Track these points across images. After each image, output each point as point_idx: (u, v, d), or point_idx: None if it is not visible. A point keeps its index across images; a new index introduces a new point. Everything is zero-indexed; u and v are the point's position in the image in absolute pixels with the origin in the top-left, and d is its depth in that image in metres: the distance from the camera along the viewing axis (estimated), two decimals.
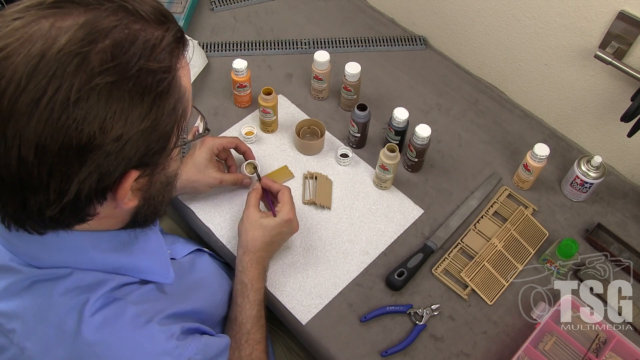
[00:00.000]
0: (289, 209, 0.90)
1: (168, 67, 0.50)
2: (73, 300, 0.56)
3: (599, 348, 0.87)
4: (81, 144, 0.45)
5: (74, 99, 0.44)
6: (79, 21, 0.45)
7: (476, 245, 1.00)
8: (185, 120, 0.55)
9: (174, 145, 0.54)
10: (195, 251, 0.89)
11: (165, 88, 0.50)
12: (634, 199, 1.08)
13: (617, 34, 0.94)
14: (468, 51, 1.25)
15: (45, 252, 0.57)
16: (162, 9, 0.52)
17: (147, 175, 0.54)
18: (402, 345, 0.88)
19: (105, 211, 0.54)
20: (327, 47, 1.29)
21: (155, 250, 0.67)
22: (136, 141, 0.48)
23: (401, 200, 1.05)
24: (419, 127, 1.00)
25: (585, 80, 1.06)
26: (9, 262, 0.57)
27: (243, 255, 0.88)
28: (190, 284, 0.77)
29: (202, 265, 0.87)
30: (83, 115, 0.44)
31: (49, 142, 0.44)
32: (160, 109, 0.49)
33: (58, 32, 0.44)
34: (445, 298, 0.94)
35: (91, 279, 0.58)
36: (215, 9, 1.37)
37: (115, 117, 0.46)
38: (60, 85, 0.43)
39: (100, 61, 0.45)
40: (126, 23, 0.47)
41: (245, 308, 0.83)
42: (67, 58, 0.44)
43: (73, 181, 0.46)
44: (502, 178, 1.10)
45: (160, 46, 0.49)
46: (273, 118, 1.10)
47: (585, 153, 1.14)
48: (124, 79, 0.46)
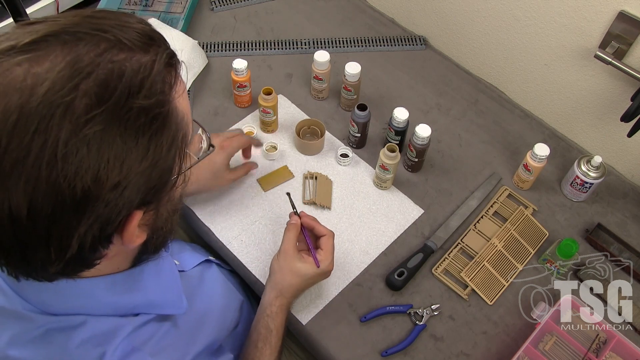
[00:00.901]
0: (331, 260, 0.85)
1: (162, 101, 0.46)
2: (90, 354, 0.53)
3: (599, 348, 0.87)
4: (76, 199, 0.41)
5: (61, 155, 0.40)
6: (56, 64, 0.41)
7: (476, 245, 1.00)
8: (187, 146, 0.51)
9: (178, 175, 0.50)
10: (203, 262, 0.87)
11: (160, 124, 0.45)
12: (634, 199, 1.08)
13: (617, 34, 0.94)
14: (468, 51, 1.25)
15: (57, 299, 0.54)
16: (149, 30, 0.47)
17: (153, 210, 0.51)
18: (402, 345, 0.88)
19: (113, 251, 0.51)
20: (327, 47, 1.29)
21: (168, 280, 0.64)
22: (136, 184, 0.45)
23: (401, 200, 1.05)
24: (419, 127, 1.00)
25: (585, 80, 1.06)
26: (21, 309, 0.54)
27: (275, 300, 0.83)
28: (201, 310, 0.74)
29: (211, 280, 0.85)
30: (74, 170, 0.41)
31: (41, 201, 0.41)
32: (159, 147, 0.46)
33: (35, 80, 0.40)
34: (445, 298, 0.94)
35: (106, 327, 0.55)
36: (215, 9, 1.37)
37: (109, 165, 0.42)
38: (45, 141, 0.40)
39: (85, 107, 0.41)
40: (109, 57, 0.43)
41: (264, 354, 0.79)
42: (48, 110, 0.40)
43: (73, 237, 0.43)
44: (502, 178, 1.10)
45: (151, 77, 0.45)
46: (273, 118, 1.10)
47: (585, 153, 1.14)
48: (114, 123, 0.42)
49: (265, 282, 0.92)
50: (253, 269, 0.95)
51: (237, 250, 0.97)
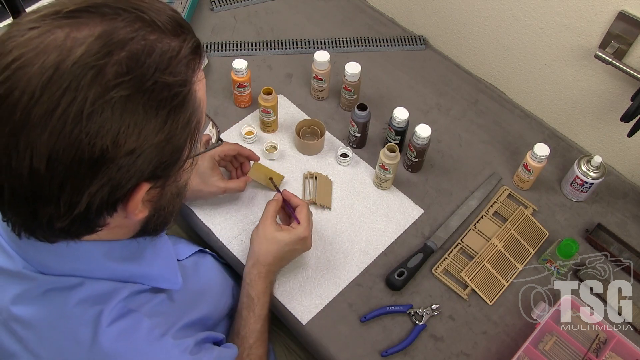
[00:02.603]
0: (305, 226, 0.88)
1: (184, 81, 0.49)
2: (88, 312, 0.56)
3: (599, 348, 0.87)
4: (93, 157, 0.44)
5: (87, 113, 0.43)
6: (94, 32, 0.45)
7: (476, 245, 0.99)
8: (199, 132, 0.54)
9: (187, 157, 0.53)
10: (198, 252, 0.88)
11: (180, 101, 0.49)
12: (634, 199, 1.08)
13: (617, 34, 0.94)
14: (468, 51, 1.25)
15: (57, 260, 0.57)
16: (180, 19, 0.51)
17: (159, 187, 0.53)
18: (402, 345, 0.88)
19: (115, 222, 0.53)
20: (327, 47, 1.29)
21: (165, 256, 0.67)
22: (149, 154, 0.48)
23: (401, 200, 1.05)
24: (419, 127, 1.00)
25: (585, 80, 1.06)
26: (22, 269, 0.57)
27: (252, 268, 0.87)
28: (196, 289, 0.77)
29: (205, 268, 0.87)
30: (96, 129, 0.44)
31: (61, 154, 0.44)
32: (175, 123, 0.49)
33: (73, 43, 0.44)
34: (445, 298, 0.94)
35: (103, 289, 0.58)
36: (215, 9, 1.37)
37: (128, 130, 0.45)
38: (75, 98, 0.43)
39: (115, 74, 0.44)
40: (143, 34, 0.47)
41: (249, 322, 0.83)
42: (81, 70, 0.43)
43: (84, 194, 0.46)
44: (502, 178, 1.10)
45: (177, 58, 0.48)
46: (273, 118, 1.10)
47: (585, 153, 1.14)
48: (139, 93, 0.45)
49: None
50: None
51: (237, 250, 0.97)
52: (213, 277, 0.87)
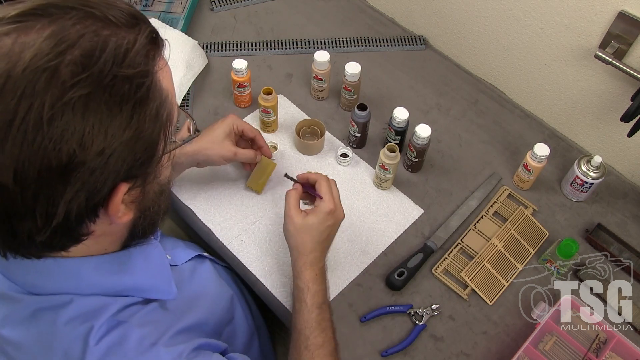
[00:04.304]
0: (328, 199, 0.84)
1: (145, 72, 0.47)
2: (77, 329, 0.55)
3: (599, 348, 0.87)
4: (62, 163, 0.42)
5: (47, 118, 0.41)
6: (43, 34, 0.42)
7: (476, 245, 1.00)
8: (172, 125, 0.52)
9: (163, 152, 0.52)
10: (196, 257, 0.87)
11: (144, 94, 0.47)
12: (634, 199, 1.08)
13: (617, 34, 0.94)
14: (468, 51, 1.25)
15: (44, 279, 0.55)
16: (133, 10, 0.49)
17: (139, 186, 0.51)
18: (402, 345, 0.88)
19: (100, 228, 0.52)
20: (327, 47, 1.29)
21: (157, 266, 0.65)
22: (121, 153, 0.46)
23: (401, 200, 1.05)
24: (419, 127, 1.00)
25: (585, 80, 1.06)
26: (7, 290, 0.56)
27: (296, 260, 0.84)
28: (190, 295, 0.75)
29: (202, 273, 0.85)
30: (59, 134, 0.42)
31: (27, 165, 0.41)
32: (142, 117, 0.47)
33: (22, 48, 0.42)
34: (445, 298, 0.94)
35: (93, 305, 0.56)
36: (215, 9, 1.37)
37: (94, 131, 0.43)
38: (32, 104, 0.41)
39: (70, 73, 0.42)
40: (94, 30, 0.44)
41: (302, 313, 0.80)
42: (34, 75, 0.41)
43: (59, 203, 0.44)
44: (502, 178, 1.10)
45: (134, 50, 0.46)
46: (273, 118, 1.10)
47: (585, 153, 1.14)
48: (99, 90, 0.43)
49: (265, 282, 0.93)
50: (253, 269, 0.95)
51: (237, 250, 0.97)
52: (209, 282, 0.85)
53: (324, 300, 0.82)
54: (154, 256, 0.65)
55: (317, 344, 0.77)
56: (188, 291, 0.75)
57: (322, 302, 0.81)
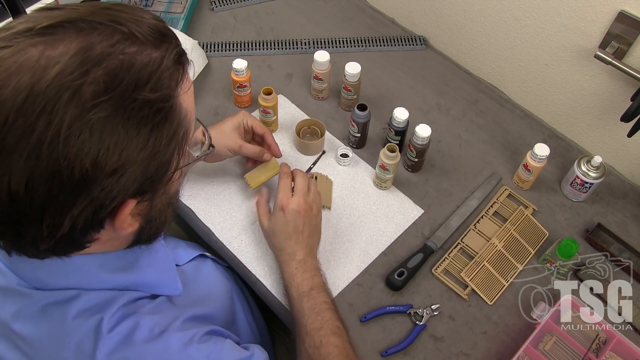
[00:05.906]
0: (280, 197, 0.89)
1: (167, 96, 0.47)
2: (87, 322, 0.55)
3: (599, 348, 0.87)
4: (74, 180, 0.43)
5: (64, 136, 0.41)
6: (70, 49, 0.43)
7: (476, 245, 0.99)
8: (187, 143, 0.52)
9: (175, 169, 0.52)
10: (198, 257, 0.88)
11: (163, 117, 0.47)
12: (634, 199, 1.08)
13: (617, 34, 0.94)
14: (468, 51, 1.25)
15: (51, 276, 0.56)
16: (161, 27, 0.49)
17: (147, 200, 0.52)
18: (402, 345, 0.88)
19: (105, 236, 0.52)
20: (327, 47, 1.29)
21: (163, 263, 0.66)
22: (133, 173, 0.46)
23: (401, 200, 1.05)
24: (419, 127, 1.00)
25: (585, 80, 1.06)
26: (17, 285, 0.56)
27: (277, 261, 0.90)
28: (197, 294, 0.76)
29: (206, 272, 0.86)
30: (75, 152, 0.42)
31: (40, 179, 0.42)
32: (159, 139, 0.47)
33: (48, 62, 0.42)
34: (445, 298, 0.94)
35: (101, 298, 0.57)
36: (215, 9, 1.36)
37: (109, 152, 0.43)
38: (50, 121, 0.41)
39: (92, 94, 0.42)
40: (121, 48, 0.44)
41: (294, 306, 0.83)
42: (57, 92, 0.41)
43: (66, 216, 0.45)
44: (502, 178, 1.10)
45: (159, 71, 0.46)
46: (273, 118, 1.10)
47: (585, 153, 1.14)
48: (119, 112, 0.43)
49: (265, 282, 0.93)
50: (253, 268, 0.95)
51: (237, 250, 0.97)
52: (214, 281, 0.86)
53: (311, 287, 0.83)
54: (159, 254, 0.65)
55: (316, 328, 0.78)
56: (193, 290, 0.75)
57: (310, 289, 0.83)
